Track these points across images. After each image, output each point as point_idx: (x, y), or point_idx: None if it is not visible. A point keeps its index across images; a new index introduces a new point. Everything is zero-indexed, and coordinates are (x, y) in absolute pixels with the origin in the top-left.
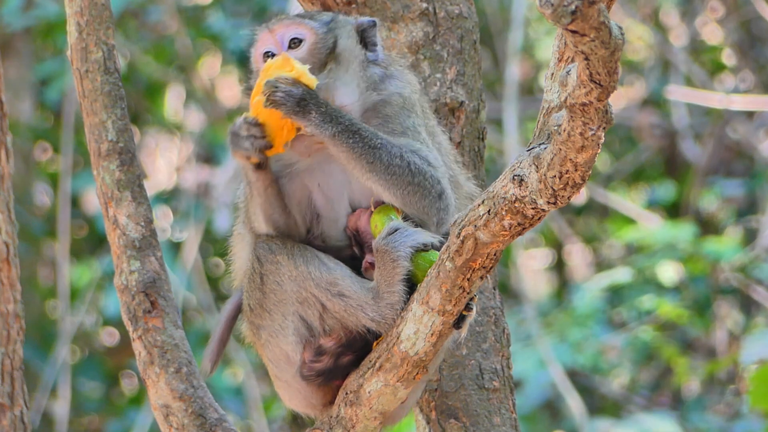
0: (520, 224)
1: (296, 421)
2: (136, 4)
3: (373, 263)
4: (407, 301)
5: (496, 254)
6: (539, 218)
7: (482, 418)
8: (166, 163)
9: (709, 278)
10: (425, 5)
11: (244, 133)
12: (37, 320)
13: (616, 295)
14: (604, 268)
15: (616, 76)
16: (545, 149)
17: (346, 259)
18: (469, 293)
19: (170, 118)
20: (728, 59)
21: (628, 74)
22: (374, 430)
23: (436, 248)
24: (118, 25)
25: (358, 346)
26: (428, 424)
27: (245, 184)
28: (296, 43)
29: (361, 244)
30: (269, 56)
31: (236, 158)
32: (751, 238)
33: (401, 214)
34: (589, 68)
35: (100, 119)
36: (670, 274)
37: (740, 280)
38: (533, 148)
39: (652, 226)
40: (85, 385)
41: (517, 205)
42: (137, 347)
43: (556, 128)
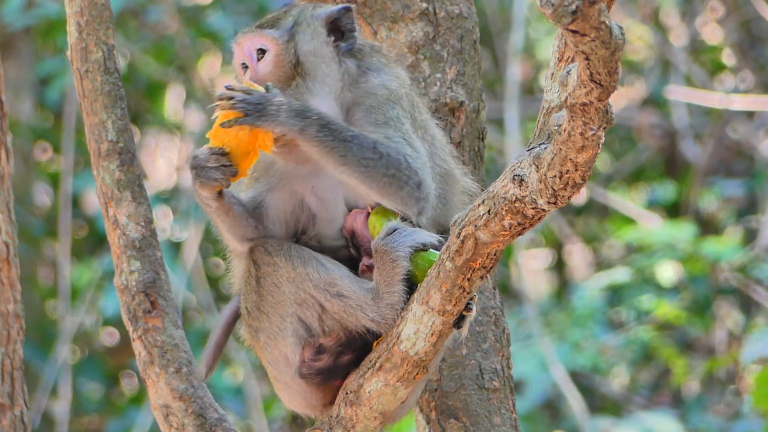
0: (520, 224)
1: (296, 421)
2: (136, 3)
3: (370, 266)
4: (407, 301)
5: (496, 254)
6: (539, 218)
7: (482, 418)
8: (166, 163)
9: (708, 278)
10: (425, 5)
11: (213, 164)
12: (37, 320)
13: (615, 295)
14: (604, 268)
15: (616, 76)
16: (545, 149)
17: (343, 259)
18: (469, 293)
19: (170, 118)
20: (728, 59)
21: (628, 74)
22: (374, 430)
23: (435, 248)
24: (118, 25)
25: (357, 345)
26: (428, 424)
27: (208, 214)
28: (261, 53)
29: (357, 246)
30: (245, 67)
31: (201, 191)
32: (751, 238)
33: (399, 214)
34: (589, 68)
35: (100, 119)
36: (669, 274)
37: (740, 280)
38: (533, 148)
39: (652, 226)
40: (85, 385)
41: (517, 205)
42: (137, 347)
43: (556, 128)
